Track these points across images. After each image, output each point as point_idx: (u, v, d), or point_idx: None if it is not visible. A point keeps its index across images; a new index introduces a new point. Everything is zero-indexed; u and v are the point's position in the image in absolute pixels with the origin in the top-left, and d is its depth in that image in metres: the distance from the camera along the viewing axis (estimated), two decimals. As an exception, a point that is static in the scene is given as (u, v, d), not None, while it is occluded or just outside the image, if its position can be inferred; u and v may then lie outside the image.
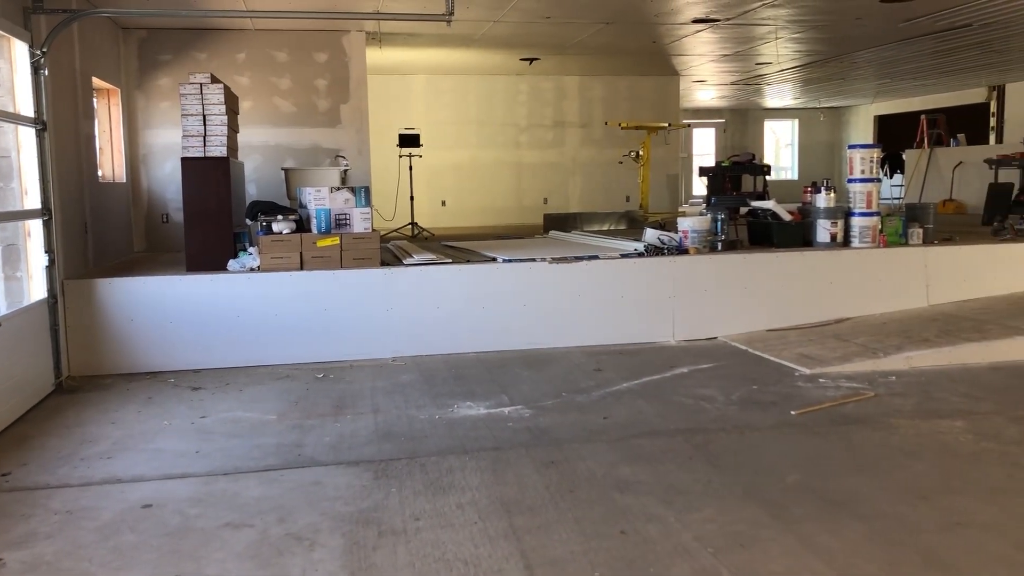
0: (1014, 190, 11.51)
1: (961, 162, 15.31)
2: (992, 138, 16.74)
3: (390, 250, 8.24)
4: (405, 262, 7.09)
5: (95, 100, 8.23)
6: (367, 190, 7.01)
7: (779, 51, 12.35)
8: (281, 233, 6.72)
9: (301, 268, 6.72)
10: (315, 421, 5.10)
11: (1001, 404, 5.20)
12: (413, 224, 11.95)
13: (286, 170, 9.12)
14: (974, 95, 17.29)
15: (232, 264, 6.74)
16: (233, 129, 7.34)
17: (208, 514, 3.71)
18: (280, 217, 6.81)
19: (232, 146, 7.21)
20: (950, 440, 4.52)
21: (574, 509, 3.66)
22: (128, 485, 4.09)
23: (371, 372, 6.34)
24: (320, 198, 6.84)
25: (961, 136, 16.17)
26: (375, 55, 11.81)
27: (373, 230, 6.99)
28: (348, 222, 6.87)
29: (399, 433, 4.83)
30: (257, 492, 3.96)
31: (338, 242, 6.79)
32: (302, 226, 6.88)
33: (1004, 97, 16.59)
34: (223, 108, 6.85)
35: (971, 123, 17.03)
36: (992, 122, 16.88)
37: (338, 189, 6.94)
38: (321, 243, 6.76)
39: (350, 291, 6.72)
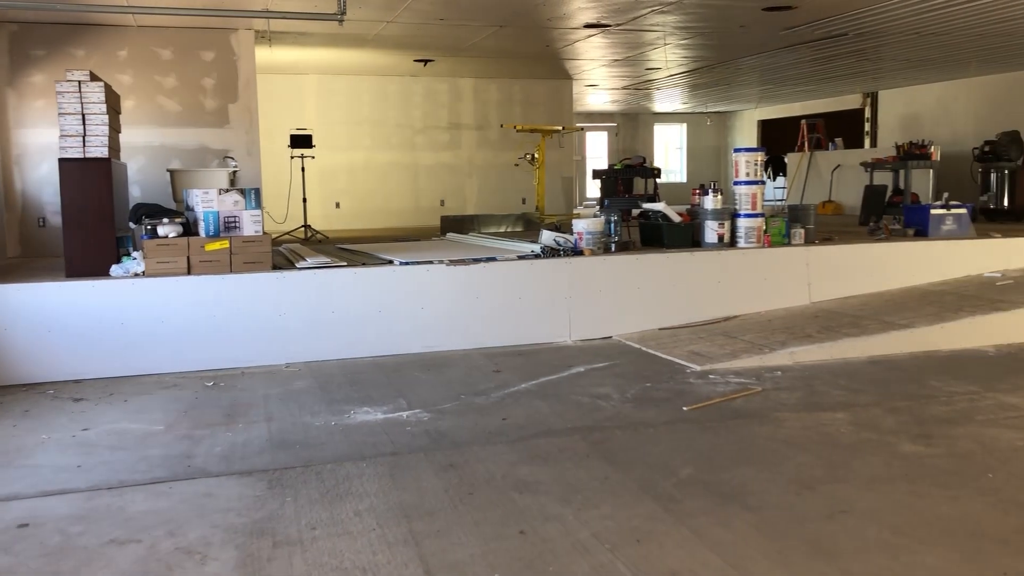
0: (888, 192, 12.13)
1: (839, 165, 16.04)
2: (867, 142, 17.60)
3: (282, 253, 8.07)
4: (298, 265, 6.95)
5: (-38, 97, 7.77)
6: (257, 192, 6.84)
7: (667, 57, 12.68)
8: (167, 237, 6.49)
9: (188, 273, 6.50)
10: (205, 431, 4.94)
11: (879, 396, 5.47)
12: (306, 227, 11.73)
13: (172, 171, 8.82)
14: (850, 101, 18.15)
15: (115, 269, 6.47)
16: (115, 129, 7.04)
17: (91, 531, 3.54)
18: (166, 220, 6.58)
19: (114, 146, 6.93)
20: (832, 432, 4.72)
21: (473, 512, 3.66)
22: (2, 504, 3.87)
23: (264, 379, 6.19)
24: (208, 200, 6.64)
25: (839, 140, 16.96)
26: (265, 54, 11.56)
27: (264, 233, 6.82)
28: (238, 225, 6.69)
29: (294, 441, 4.73)
30: (144, 506, 3.81)
31: (227, 246, 6.60)
32: (189, 229, 6.66)
33: (877, 103, 17.48)
34: (104, 107, 6.57)
35: (848, 128, 17.88)
36: (867, 127, 17.76)
37: (227, 191, 6.75)
38: (209, 247, 6.56)
39: (241, 296, 6.54)
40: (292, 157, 12.17)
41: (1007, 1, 8.88)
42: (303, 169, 12.13)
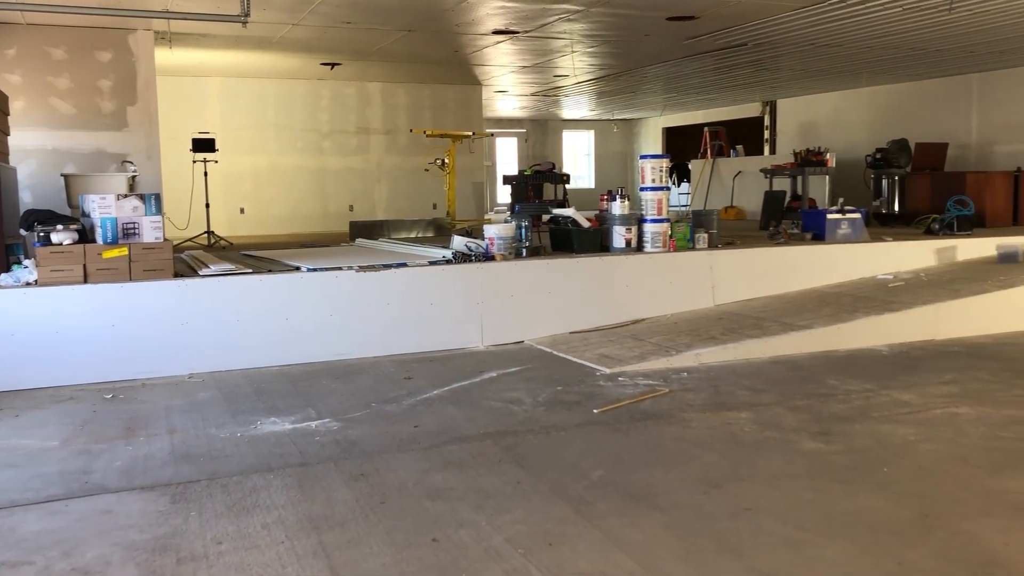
0: (786, 197, 12.55)
1: (740, 171, 16.50)
2: (767, 149, 18.18)
3: (184, 260, 7.84)
4: (201, 273, 6.76)
5: None
6: (158, 197, 6.63)
7: (575, 64, 12.83)
8: (61, 244, 6.22)
9: (85, 281, 6.25)
10: (104, 445, 4.75)
11: (780, 395, 5.64)
12: (209, 233, 11.44)
13: (66, 176, 8.47)
14: (750, 109, 18.72)
15: (4, 278, 6.17)
16: (2, 131, 6.73)
17: (-21, 555, 3.36)
18: (60, 227, 6.31)
19: (1, 150, 6.62)
20: (737, 431, 4.85)
21: (385, 521, 3.62)
22: None
23: (166, 391, 5.99)
24: (105, 206, 6.40)
25: (740, 147, 17.46)
26: (165, 55, 11.22)
27: (165, 240, 6.62)
28: (137, 231, 6.47)
29: (198, 454, 4.59)
30: (37, 526, 3.63)
31: (126, 253, 6.37)
32: (86, 236, 6.41)
33: (776, 112, 18.07)
34: (-10, 108, 6.27)
35: (748, 135, 18.44)
36: (766, 134, 18.34)
37: (125, 196, 6.52)
38: (107, 254, 6.32)
39: (141, 305, 6.32)
40: (195, 162, 11.84)
41: (892, 17, 9.30)
42: (206, 174, 11.82)
